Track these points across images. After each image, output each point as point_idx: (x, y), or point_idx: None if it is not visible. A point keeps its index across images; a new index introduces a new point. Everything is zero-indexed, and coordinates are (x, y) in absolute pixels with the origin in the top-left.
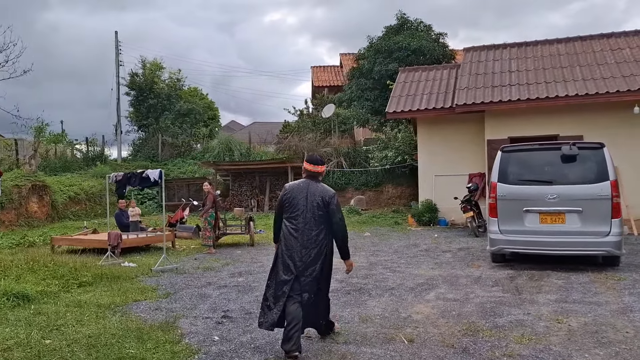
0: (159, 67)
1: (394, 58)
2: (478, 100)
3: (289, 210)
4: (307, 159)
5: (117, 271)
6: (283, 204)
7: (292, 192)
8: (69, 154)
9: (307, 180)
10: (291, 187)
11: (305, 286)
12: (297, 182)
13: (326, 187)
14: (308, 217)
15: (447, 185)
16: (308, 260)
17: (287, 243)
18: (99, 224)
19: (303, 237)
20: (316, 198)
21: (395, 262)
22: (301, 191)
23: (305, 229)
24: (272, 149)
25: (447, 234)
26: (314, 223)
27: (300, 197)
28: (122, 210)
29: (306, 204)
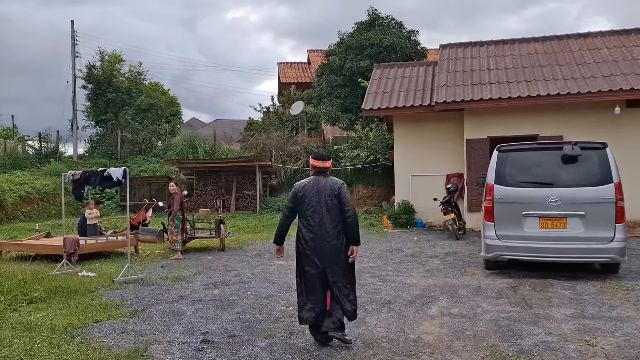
0: (118, 59)
1: (365, 55)
2: (458, 98)
3: (303, 207)
4: (314, 156)
5: (74, 283)
6: (296, 202)
7: (304, 190)
8: (20, 150)
9: (315, 176)
10: (302, 185)
11: (335, 276)
12: (306, 180)
13: (334, 179)
14: (323, 212)
15: (424, 185)
16: (330, 252)
17: (307, 239)
18: (53, 226)
19: (321, 231)
20: (327, 191)
21: (383, 270)
22: (312, 188)
23: (322, 223)
24: (238, 147)
25: (427, 237)
26: (329, 216)
27: (312, 193)
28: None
29: (319, 199)
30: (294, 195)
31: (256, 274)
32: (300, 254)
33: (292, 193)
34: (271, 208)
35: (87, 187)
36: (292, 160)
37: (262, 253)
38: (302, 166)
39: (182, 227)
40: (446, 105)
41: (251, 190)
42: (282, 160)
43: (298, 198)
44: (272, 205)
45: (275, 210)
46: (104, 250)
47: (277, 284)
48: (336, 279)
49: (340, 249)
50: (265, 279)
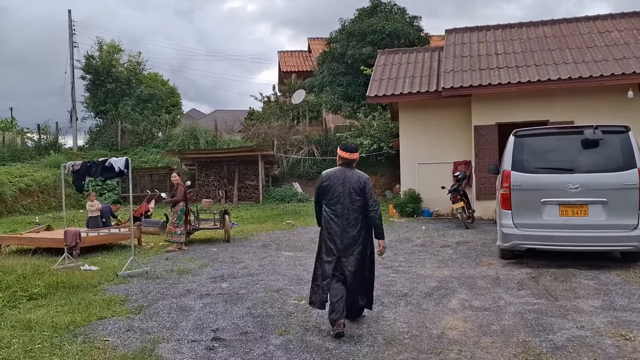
0: (117, 49)
1: (368, 41)
2: (465, 83)
3: (328, 196)
4: (342, 147)
5: (75, 277)
6: (321, 190)
7: (330, 180)
8: (19, 143)
9: (342, 167)
10: (328, 175)
11: (348, 265)
12: (333, 170)
13: (360, 172)
14: (346, 203)
15: (431, 173)
16: (348, 242)
17: (329, 227)
18: (54, 219)
19: (342, 221)
20: (352, 184)
21: (394, 260)
22: (338, 178)
23: (344, 214)
24: (239, 137)
25: (435, 226)
26: (352, 207)
27: (338, 183)
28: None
29: (343, 190)
30: (319, 185)
31: (264, 265)
32: (322, 241)
33: (319, 182)
34: (274, 198)
35: (88, 178)
36: (294, 150)
37: (268, 244)
38: (305, 155)
39: (185, 219)
40: (453, 91)
41: (253, 180)
42: (284, 149)
43: (323, 187)
44: (274, 195)
45: (278, 200)
46: (107, 242)
47: (286, 276)
48: (351, 269)
49: (357, 240)
50: (274, 271)
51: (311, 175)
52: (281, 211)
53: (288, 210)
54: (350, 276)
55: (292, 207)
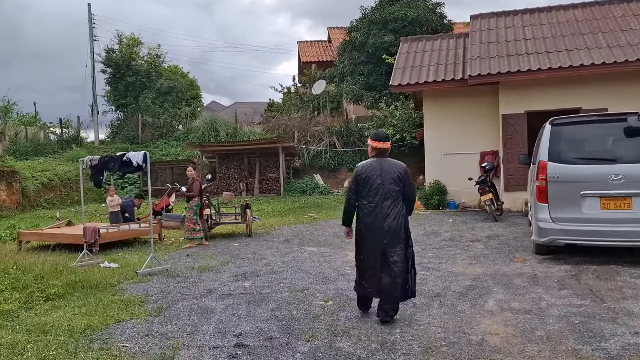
0: (137, 42)
1: (389, 29)
2: (493, 70)
3: (366, 188)
4: (374, 137)
5: (94, 276)
6: (358, 183)
7: (367, 172)
8: (42, 137)
9: (377, 158)
10: (365, 167)
11: (394, 255)
12: (368, 162)
13: (397, 162)
14: (384, 193)
15: (457, 164)
16: (390, 233)
17: (368, 221)
18: (76, 213)
19: (382, 212)
20: (391, 174)
21: (423, 256)
22: (375, 169)
23: (383, 204)
24: (259, 129)
25: (463, 219)
26: (390, 197)
27: (375, 175)
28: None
29: (382, 180)
30: (356, 177)
31: (287, 262)
32: (361, 235)
33: (354, 175)
34: (295, 190)
35: (107, 173)
36: (315, 141)
37: (290, 239)
38: (325, 147)
39: (200, 214)
40: (480, 78)
41: (274, 172)
42: (304, 141)
43: (361, 179)
44: (296, 187)
45: (300, 193)
46: (127, 238)
47: (311, 274)
48: (396, 259)
49: (399, 230)
50: (297, 268)
51: (332, 167)
52: (303, 204)
53: (310, 203)
54: (395, 266)
55: (314, 199)
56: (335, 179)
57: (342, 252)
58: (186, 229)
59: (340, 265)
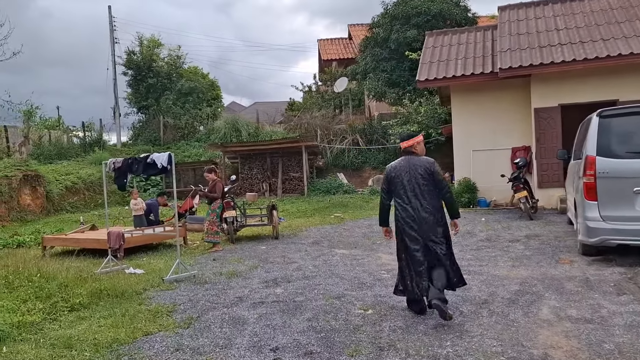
0: (157, 43)
1: (412, 24)
2: (525, 62)
3: (397, 187)
4: (401, 137)
5: (119, 283)
6: (389, 183)
7: (395, 171)
8: (65, 141)
9: (405, 157)
10: (393, 167)
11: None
12: (397, 161)
13: (426, 157)
14: (415, 189)
15: (487, 161)
16: (427, 227)
17: (404, 217)
18: (100, 216)
19: (416, 208)
20: (418, 170)
21: (462, 258)
22: (403, 168)
23: (417, 201)
24: (281, 129)
25: (496, 217)
26: (421, 192)
27: (404, 173)
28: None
29: (410, 178)
30: (386, 177)
31: (319, 266)
32: (401, 233)
33: (385, 175)
34: (319, 190)
35: (130, 176)
36: (338, 140)
37: (319, 240)
38: (349, 145)
39: (220, 217)
40: (512, 71)
41: (298, 172)
42: (327, 139)
43: (391, 178)
44: (319, 187)
45: (324, 192)
46: (152, 242)
47: (345, 279)
48: (438, 251)
49: (437, 223)
50: (330, 272)
51: (356, 165)
52: (328, 204)
53: (335, 203)
54: (439, 258)
55: (339, 198)
56: (359, 177)
57: (375, 255)
58: (208, 232)
59: (376, 270)
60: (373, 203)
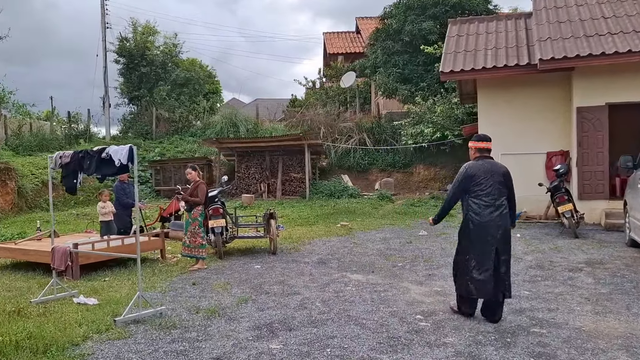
0: (152, 30)
1: (428, 15)
2: (570, 53)
3: (476, 189)
4: (478, 138)
5: (54, 323)
6: (466, 181)
7: (477, 172)
8: (48, 131)
9: (485, 159)
10: (474, 167)
11: (504, 254)
12: (477, 162)
13: (500, 163)
14: (495, 192)
15: (517, 167)
16: (502, 230)
17: (481, 219)
18: (77, 216)
19: (495, 210)
20: (499, 174)
21: (520, 296)
22: (485, 170)
23: (496, 203)
24: (282, 126)
25: (532, 233)
26: (500, 196)
27: (486, 175)
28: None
29: (493, 181)
30: (466, 176)
31: (329, 302)
32: (473, 234)
33: (464, 174)
34: (322, 193)
35: (82, 175)
36: (344, 139)
37: (326, 259)
38: (355, 144)
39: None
40: (554, 63)
41: (299, 172)
42: (332, 138)
43: (469, 178)
44: (322, 189)
45: (327, 195)
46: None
47: (368, 328)
48: (505, 258)
49: (508, 230)
50: (345, 314)
51: (362, 167)
52: (332, 209)
53: (340, 208)
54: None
55: (344, 203)
56: (365, 180)
57: (400, 284)
58: (187, 245)
59: (407, 311)
60: (383, 210)
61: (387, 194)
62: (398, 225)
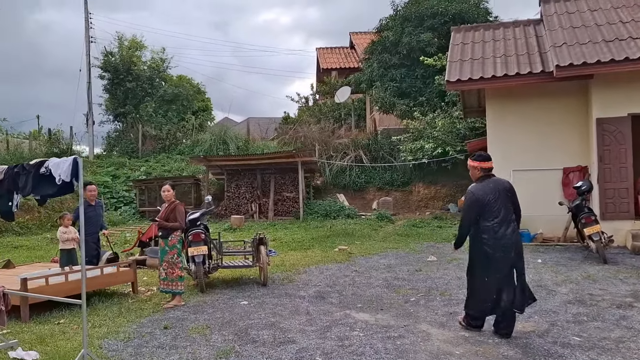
0: (139, 45)
1: (426, 27)
2: (591, 59)
3: (487, 210)
4: (481, 158)
5: None
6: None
7: (485, 194)
8: (26, 150)
9: (488, 179)
10: (481, 190)
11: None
12: (482, 184)
13: (503, 179)
14: (503, 210)
15: (530, 184)
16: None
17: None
18: (51, 240)
19: (507, 228)
20: (505, 191)
21: (564, 341)
22: (491, 190)
23: (505, 221)
24: (274, 144)
25: (555, 258)
26: (509, 213)
27: (493, 196)
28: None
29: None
30: (474, 200)
31: (332, 355)
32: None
33: (473, 199)
34: (316, 213)
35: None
36: (339, 156)
37: (324, 292)
38: (351, 162)
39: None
40: (572, 69)
41: (292, 191)
42: (326, 155)
43: (478, 202)
44: (317, 209)
45: (322, 216)
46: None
47: None
48: (520, 273)
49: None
50: None
51: (359, 185)
52: (328, 231)
53: (337, 230)
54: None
55: (341, 225)
56: (362, 199)
57: (417, 327)
58: (164, 278)
59: None
60: (383, 232)
61: (387, 214)
62: (402, 249)
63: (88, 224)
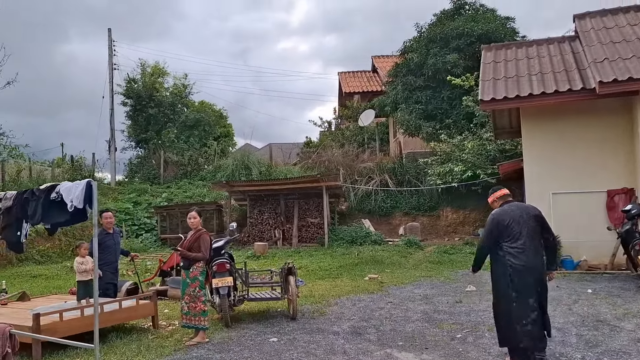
0: (161, 72)
1: (452, 48)
2: (637, 74)
3: (510, 236)
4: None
5: None
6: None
7: (505, 217)
8: (49, 177)
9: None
10: (502, 213)
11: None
12: (505, 208)
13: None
14: (530, 236)
15: (572, 207)
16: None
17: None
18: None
19: (531, 254)
20: (530, 217)
21: None
22: (513, 214)
23: (531, 247)
24: (297, 168)
25: (604, 288)
26: (534, 240)
27: (516, 218)
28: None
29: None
30: (495, 223)
31: None
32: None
33: (494, 222)
34: (342, 239)
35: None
36: (364, 180)
37: (360, 327)
38: (376, 186)
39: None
40: (617, 85)
41: (316, 217)
42: (351, 180)
43: (499, 225)
44: (342, 235)
45: (348, 243)
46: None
47: None
48: (543, 302)
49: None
50: None
51: (384, 211)
52: (356, 258)
53: (365, 257)
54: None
55: (368, 251)
56: (388, 224)
57: None
58: (187, 313)
59: None
60: (413, 259)
61: (415, 240)
62: (436, 278)
63: (106, 253)
